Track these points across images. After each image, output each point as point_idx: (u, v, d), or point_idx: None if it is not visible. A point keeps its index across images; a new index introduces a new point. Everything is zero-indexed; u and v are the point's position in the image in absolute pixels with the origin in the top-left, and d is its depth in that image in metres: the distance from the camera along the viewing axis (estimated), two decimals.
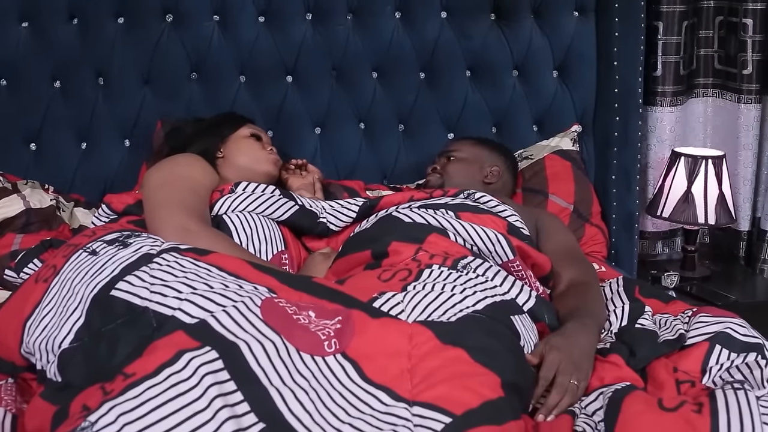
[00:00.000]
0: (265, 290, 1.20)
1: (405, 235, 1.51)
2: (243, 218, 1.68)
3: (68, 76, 2.20)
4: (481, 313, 1.24)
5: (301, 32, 2.24)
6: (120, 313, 1.18)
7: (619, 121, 2.31)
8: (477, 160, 2.02)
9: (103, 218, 1.72)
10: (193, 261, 1.27)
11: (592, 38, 2.34)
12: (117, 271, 1.25)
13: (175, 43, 2.20)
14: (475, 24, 2.31)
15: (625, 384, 1.23)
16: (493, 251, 1.55)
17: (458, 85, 2.33)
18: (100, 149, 2.22)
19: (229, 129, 1.95)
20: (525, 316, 1.34)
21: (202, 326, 1.09)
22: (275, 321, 1.11)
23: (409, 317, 1.21)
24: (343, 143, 2.31)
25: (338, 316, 1.16)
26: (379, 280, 1.34)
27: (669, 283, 2.31)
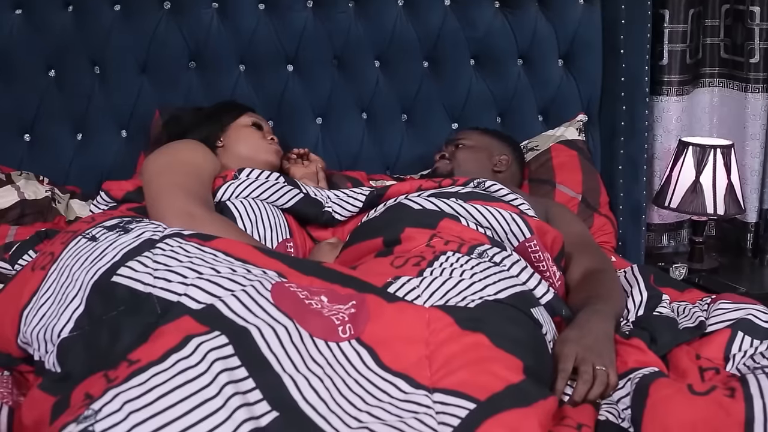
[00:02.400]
0: (274, 275, 1.15)
1: (417, 222, 1.46)
2: (247, 204, 1.63)
3: (63, 65, 2.15)
4: (503, 302, 1.19)
5: (302, 20, 2.20)
6: (122, 300, 1.13)
7: (626, 110, 2.29)
8: (486, 148, 1.99)
9: (101, 206, 1.67)
10: (198, 246, 1.22)
11: (598, 26, 2.30)
12: (118, 257, 1.20)
13: (173, 30, 2.16)
14: (480, 11, 2.27)
15: (651, 369, 1.18)
16: (508, 231, 1.50)
17: (462, 74, 2.29)
18: (97, 140, 2.18)
19: (230, 117, 1.91)
20: (542, 309, 1.29)
21: (210, 311, 1.04)
22: (287, 305, 1.06)
23: (426, 302, 1.16)
24: (345, 134, 2.27)
25: (352, 301, 1.11)
26: (393, 267, 1.29)
27: (677, 275, 2.28)
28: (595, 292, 1.47)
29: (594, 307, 1.39)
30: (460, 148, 1.99)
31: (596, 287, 1.50)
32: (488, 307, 1.16)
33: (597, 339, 1.27)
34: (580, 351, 1.22)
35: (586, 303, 1.42)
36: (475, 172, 1.90)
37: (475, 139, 2.01)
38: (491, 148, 1.99)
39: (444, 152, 2.01)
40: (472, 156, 1.95)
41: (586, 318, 1.35)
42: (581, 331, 1.29)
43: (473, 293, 1.19)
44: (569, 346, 1.23)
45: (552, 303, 1.35)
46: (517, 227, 1.51)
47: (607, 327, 1.33)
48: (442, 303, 1.16)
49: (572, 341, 1.25)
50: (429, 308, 1.14)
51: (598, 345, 1.25)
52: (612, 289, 1.51)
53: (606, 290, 1.49)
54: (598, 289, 1.48)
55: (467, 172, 1.90)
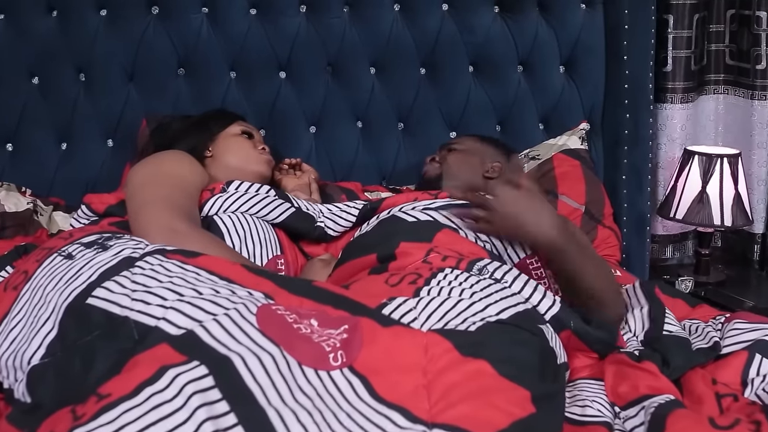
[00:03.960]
0: (261, 296, 1.07)
1: (412, 235, 1.39)
2: (236, 219, 1.55)
3: (47, 72, 2.10)
4: (506, 322, 1.11)
5: (294, 25, 2.14)
6: (97, 324, 1.06)
7: (630, 118, 2.22)
8: (478, 154, 1.90)
9: (82, 220, 1.59)
10: (180, 264, 1.14)
11: (600, 31, 2.24)
12: (94, 277, 1.13)
13: (161, 36, 2.10)
14: (479, 16, 2.21)
15: (667, 398, 1.10)
16: (508, 246, 1.43)
17: (461, 81, 2.23)
18: (82, 149, 2.12)
19: (219, 126, 1.84)
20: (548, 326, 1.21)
21: (190, 338, 0.96)
22: (273, 331, 0.98)
23: (423, 325, 1.08)
24: (340, 142, 2.21)
25: (344, 325, 1.03)
26: (387, 285, 1.22)
27: (683, 288, 2.21)
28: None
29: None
30: (451, 152, 1.91)
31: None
32: (490, 330, 1.08)
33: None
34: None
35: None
36: (463, 177, 1.81)
37: (468, 144, 1.93)
38: (484, 154, 1.91)
39: (435, 156, 1.93)
40: (462, 160, 1.87)
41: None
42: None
43: (474, 314, 1.12)
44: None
45: (559, 315, 1.27)
46: (518, 242, 1.44)
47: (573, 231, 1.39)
48: (440, 326, 1.08)
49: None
50: (427, 332, 1.06)
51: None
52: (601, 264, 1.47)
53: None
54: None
55: (454, 176, 1.82)
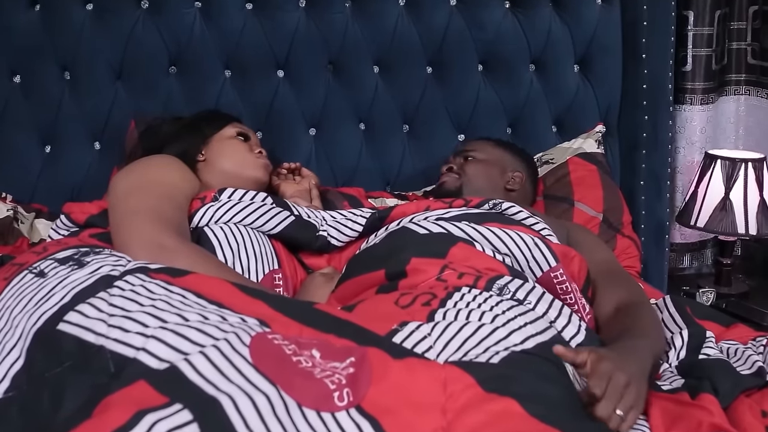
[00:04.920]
0: (255, 323, 0.95)
1: (425, 249, 1.26)
2: (228, 231, 1.42)
3: (30, 70, 1.99)
4: (532, 353, 0.98)
5: (293, 20, 2.04)
6: (69, 353, 0.93)
7: (648, 120, 2.13)
8: (498, 163, 1.79)
9: (61, 231, 1.46)
10: (165, 285, 1.02)
11: (617, 28, 2.14)
12: (68, 299, 1.00)
13: (151, 32, 1.99)
14: (489, 12, 2.10)
15: None
16: (530, 259, 1.31)
17: (469, 81, 2.12)
18: (67, 153, 2.02)
19: (212, 128, 1.71)
20: None
21: (172, 374, 0.83)
22: (269, 366, 0.86)
23: (439, 355, 0.96)
24: (342, 145, 2.10)
25: (350, 357, 0.91)
26: (398, 307, 1.09)
27: (705, 300, 2.09)
28: (630, 327, 1.27)
29: (634, 341, 1.18)
30: (470, 161, 1.80)
31: (632, 322, 1.29)
32: (516, 362, 0.96)
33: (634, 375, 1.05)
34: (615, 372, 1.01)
35: (622, 335, 1.22)
36: (485, 189, 1.72)
37: (487, 151, 1.81)
38: (504, 162, 1.80)
39: (452, 164, 1.82)
40: (483, 171, 1.76)
41: (625, 349, 1.14)
42: (620, 356, 1.07)
43: (496, 342, 0.99)
44: (606, 364, 1.01)
45: (583, 345, 1.15)
46: (541, 254, 1.32)
47: (644, 366, 1.13)
48: (459, 356, 0.96)
49: (610, 360, 1.03)
50: (444, 365, 0.93)
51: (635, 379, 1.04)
52: (650, 324, 1.30)
53: (643, 326, 1.28)
54: (633, 325, 1.28)
55: (477, 188, 1.73)
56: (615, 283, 1.43)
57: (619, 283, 1.43)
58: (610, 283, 1.42)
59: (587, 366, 0.99)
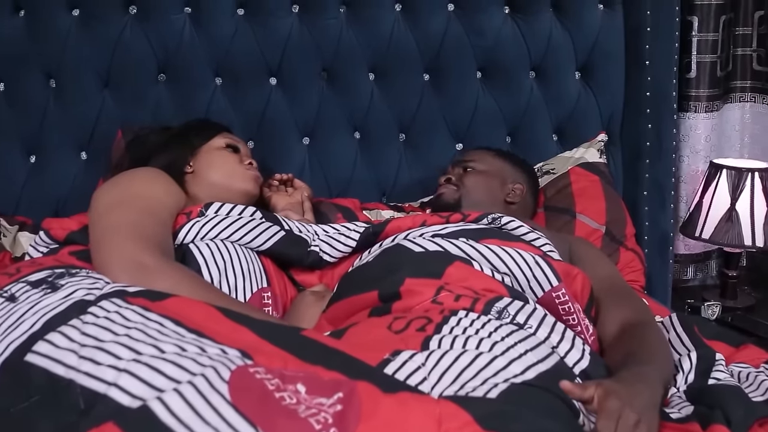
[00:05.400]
0: (236, 354, 0.88)
1: (419, 269, 1.20)
2: (214, 248, 1.36)
3: (14, 78, 1.94)
4: (531, 384, 0.92)
5: (286, 26, 1.98)
6: (37, 387, 0.87)
7: (652, 128, 2.07)
8: (498, 175, 1.73)
9: (40, 248, 1.40)
10: (142, 311, 0.96)
11: (620, 34, 2.08)
12: (38, 326, 0.94)
13: (139, 38, 1.94)
14: (487, 17, 2.04)
15: None
16: (531, 278, 1.25)
17: (468, 88, 2.07)
18: (52, 163, 1.96)
19: (201, 139, 1.66)
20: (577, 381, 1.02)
21: (143, 415, 0.77)
22: (249, 404, 0.79)
23: (434, 389, 0.90)
24: (335, 155, 2.05)
25: (338, 392, 0.84)
26: (391, 332, 1.03)
27: (710, 314, 2.04)
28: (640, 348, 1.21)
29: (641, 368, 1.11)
30: (470, 173, 1.74)
31: (638, 345, 1.23)
32: (516, 395, 0.90)
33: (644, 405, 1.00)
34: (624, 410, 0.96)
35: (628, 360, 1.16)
36: (485, 201, 1.66)
37: (487, 162, 1.76)
38: (504, 174, 1.75)
39: (450, 175, 1.76)
40: (483, 183, 1.70)
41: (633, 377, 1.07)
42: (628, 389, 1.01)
43: (495, 373, 0.93)
44: (614, 401, 0.96)
45: (588, 371, 1.09)
46: (542, 273, 1.26)
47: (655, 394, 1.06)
48: (456, 389, 0.90)
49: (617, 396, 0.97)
50: (439, 400, 0.87)
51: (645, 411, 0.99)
52: (657, 347, 1.24)
53: (650, 349, 1.22)
54: (640, 348, 1.21)
55: (476, 201, 1.67)
56: (619, 301, 1.36)
57: (624, 301, 1.37)
58: (614, 302, 1.36)
59: (594, 402, 0.93)
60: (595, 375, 1.09)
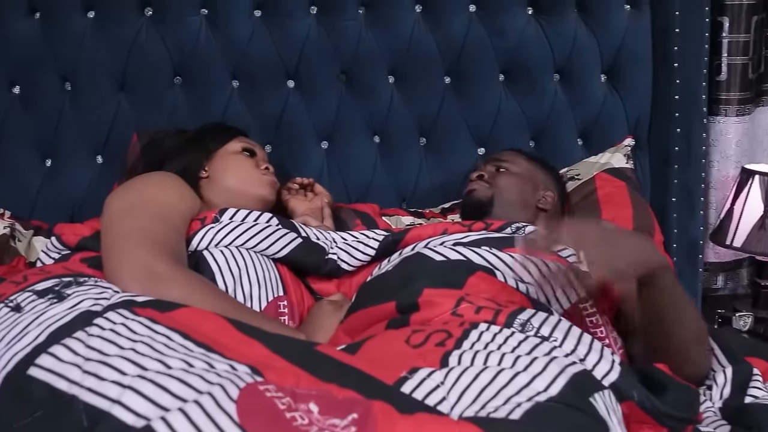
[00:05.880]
0: (245, 371, 0.84)
1: (439, 279, 1.16)
2: (229, 255, 1.32)
3: (29, 80, 1.92)
4: (556, 401, 0.87)
5: (304, 28, 1.95)
6: (39, 403, 0.84)
7: (681, 133, 2.02)
8: (531, 179, 1.68)
9: (52, 254, 1.37)
10: (150, 324, 0.92)
11: (647, 35, 2.02)
12: (42, 338, 0.91)
13: (155, 41, 1.91)
14: (510, 18, 2.00)
15: None
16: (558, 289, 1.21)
17: (490, 91, 2.02)
18: (68, 167, 1.94)
19: (216, 142, 1.63)
20: (607, 393, 0.97)
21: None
22: (258, 425, 0.75)
23: (453, 409, 0.85)
24: (354, 160, 2.01)
25: (353, 413, 0.80)
26: (409, 346, 0.98)
27: (742, 324, 1.99)
28: None
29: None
30: (503, 173, 1.68)
31: None
32: (540, 415, 0.84)
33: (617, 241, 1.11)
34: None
35: None
36: (517, 204, 1.62)
37: (520, 165, 1.70)
38: (536, 179, 1.69)
39: (482, 172, 1.70)
40: (516, 185, 1.65)
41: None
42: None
43: (518, 391, 0.88)
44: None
45: (617, 384, 1.03)
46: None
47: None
48: (476, 409, 0.85)
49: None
50: (459, 422, 0.82)
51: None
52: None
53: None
54: None
55: (508, 203, 1.62)
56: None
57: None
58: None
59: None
60: (626, 387, 1.03)
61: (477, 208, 1.62)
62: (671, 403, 1.02)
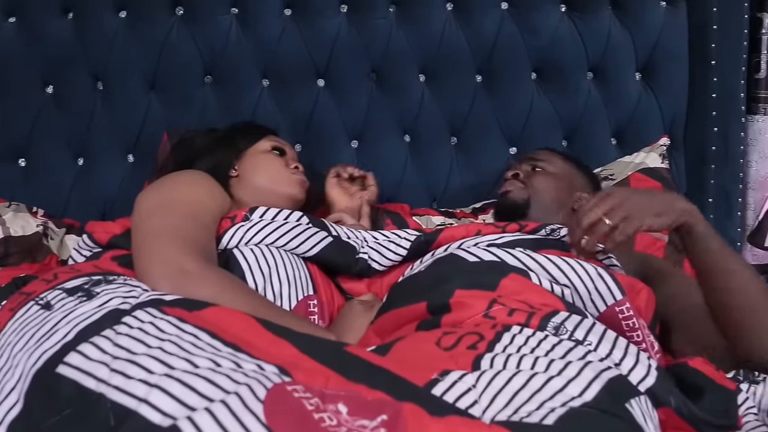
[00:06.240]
0: (273, 371, 0.83)
1: (471, 280, 1.13)
2: (259, 253, 1.31)
3: (62, 80, 1.94)
4: (591, 406, 0.85)
5: (334, 27, 1.94)
6: (67, 401, 0.83)
7: (718, 132, 1.99)
8: (567, 180, 1.65)
9: (83, 252, 1.37)
10: (178, 322, 0.91)
11: (683, 32, 1.99)
12: (71, 336, 0.90)
13: (185, 40, 1.92)
14: (543, 16, 1.97)
15: None
16: (593, 290, 1.18)
17: (522, 90, 2.00)
18: (99, 166, 1.96)
19: (246, 141, 1.62)
20: (643, 399, 0.94)
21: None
22: (285, 426, 0.74)
23: (485, 413, 0.83)
24: (385, 159, 1.99)
25: (382, 414, 0.78)
26: (440, 348, 0.96)
27: None
28: None
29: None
30: (539, 173, 1.65)
31: None
32: (574, 420, 0.82)
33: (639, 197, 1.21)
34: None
35: None
36: (553, 206, 1.58)
37: (557, 165, 1.67)
38: (573, 180, 1.66)
39: (518, 171, 1.67)
40: (553, 185, 1.62)
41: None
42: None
43: (551, 396, 0.86)
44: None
45: (654, 390, 1.00)
46: (605, 286, 1.18)
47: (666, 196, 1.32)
48: (509, 414, 0.83)
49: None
50: (491, 425, 0.80)
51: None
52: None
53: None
54: None
55: (545, 204, 1.59)
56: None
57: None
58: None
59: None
60: (663, 393, 1.00)
61: (513, 210, 1.59)
62: (708, 409, 0.99)
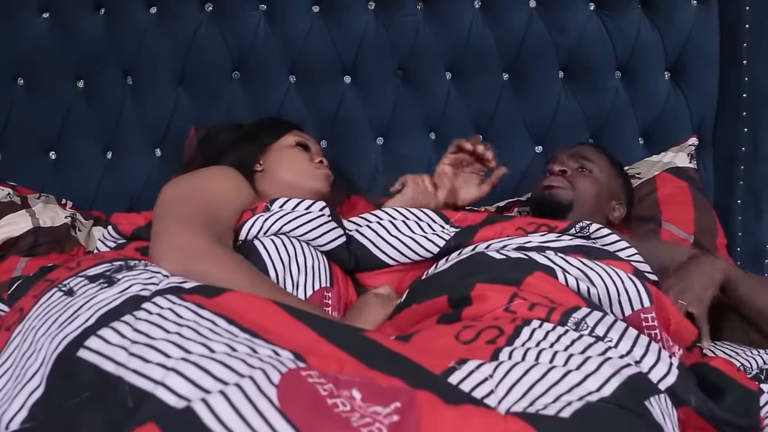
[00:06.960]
0: (289, 356, 0.83)
1: (495, 276, 1.12)
2: (279, 243, 1.31)
3: (93, 75, 1.97)
4: (609, 402, 0.84)
5: (361, 24, 1.95)
6: (87, 384, 0.84)
7: (748, 133, 1.95)
8: (608, 187, 1.66)
9: (108, 243, 1.39)
10: (196, 308, 0.92)
11: (714, 31, 1.96)
12: (92, 321, 0.92)
13: (214, 36, 1.94)
14: (571, 14, 1.96)
15: None
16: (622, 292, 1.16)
17: (549, 88, 1.99)
18: (128, 159, 1.98)
19: (271, 136, 1.63)
20: (663, 397, 0.93)
21: (186, 418, 0.73)
22: (298, 410, 0.74)
23: (501, 404, 0.82)
24: (411, 156, 1.98)
25: (396, 401, 0.78)
26: (459, 342, 0.96)
27: None
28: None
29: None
30: (587, 175, 1.64)
31: None
32: (591, 415, 0.81)
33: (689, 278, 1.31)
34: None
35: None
36: (591, 212, 1.59)
37: (605, 170, 1.67)
38: (613, 188, 1.66)
39: (566, 167, 1.65)
40: (595, 191, 1.63)
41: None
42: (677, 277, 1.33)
43: (569, 389, 0.85)
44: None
45: (674, 388, 0.99)
46: (635, 289, 1.16)
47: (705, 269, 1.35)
48: (525, 405, 0.82)
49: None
50: (507, 416, 0.79)
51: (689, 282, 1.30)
52: None
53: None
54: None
55: (584, 209, 1.59)
56: None
57: None
58: None
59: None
60: (684, 392, 0.99)
61: (555, 209, 1.58)
62: (729, 408, 0.97)
